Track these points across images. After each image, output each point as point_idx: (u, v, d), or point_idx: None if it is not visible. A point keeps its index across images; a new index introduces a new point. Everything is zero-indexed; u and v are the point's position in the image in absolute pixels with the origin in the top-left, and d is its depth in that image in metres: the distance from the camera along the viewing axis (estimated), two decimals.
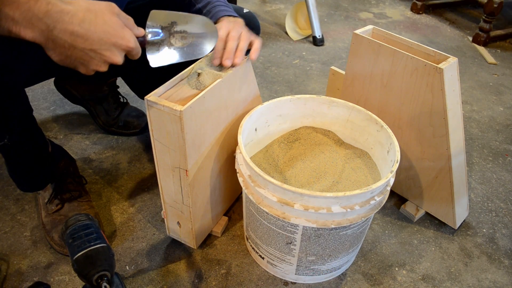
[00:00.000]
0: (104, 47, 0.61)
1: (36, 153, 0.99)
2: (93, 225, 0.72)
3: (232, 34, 0.86)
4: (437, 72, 0.91)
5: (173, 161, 0.85)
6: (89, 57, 0.61)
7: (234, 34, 0.87)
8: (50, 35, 0.58)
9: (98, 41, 0.60)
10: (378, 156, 0.97)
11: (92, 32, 0.60)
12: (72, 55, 0.61)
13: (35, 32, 0.57)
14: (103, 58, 0.62)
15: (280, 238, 0.87)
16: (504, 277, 1.01)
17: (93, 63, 0.63)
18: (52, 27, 0.57)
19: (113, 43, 0.62)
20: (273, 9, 2.42)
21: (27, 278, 0.96)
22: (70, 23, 0.58)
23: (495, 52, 2.09)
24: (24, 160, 0.97)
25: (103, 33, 0.61)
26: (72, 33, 0.59)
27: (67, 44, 0.59)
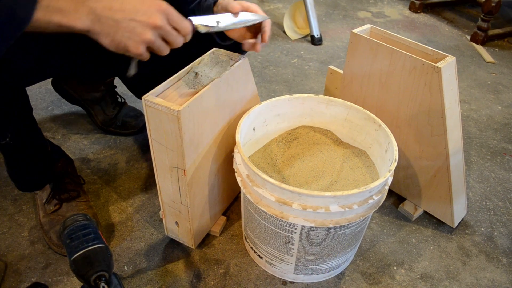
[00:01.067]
0: (140, 13, 0.65)
1: (35, 152, 0.99)
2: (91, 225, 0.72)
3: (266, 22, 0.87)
4: (435, 71, 0.91)
5: (171, 160, 0.85)
6: (131, 27, 0.64)
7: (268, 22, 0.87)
8: (95, 16, 0.62)
9: (133, 9, 0.64)
10: (376, 155, 0.97)
11: (127, 3, 0.64)
12: (117, 32, 0.64)
13: (82, 18, 0.61)
14: (143, 23, 0.65)
15: (279, 238, 0.87)
16: (502, 276, 1.02)
17: (137, 31, 0.65)
18: (94, 8, 0.62)
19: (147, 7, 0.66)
20: (271, 9, 2.42)
21: (25, 278, 0.96)
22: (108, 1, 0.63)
23: (493, 51, 2.09)
24: (24, 160, 0.97)
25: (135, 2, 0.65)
26: (111, 8, 0.63)
27: (110, 20, 0.63)
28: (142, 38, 0.65)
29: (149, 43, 0.66)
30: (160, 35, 0.68)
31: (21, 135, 0.92)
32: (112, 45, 0.65)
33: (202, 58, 0.92)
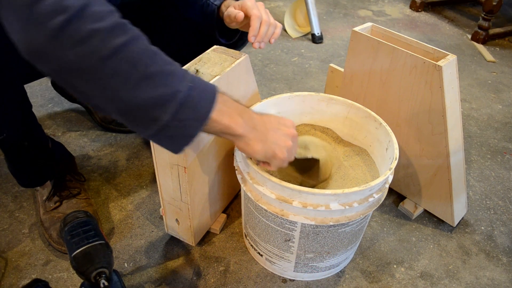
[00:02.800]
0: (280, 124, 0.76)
1: (36, 148, 0.99)
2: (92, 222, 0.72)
3: (265, 18, 0.89)
4: (436, 70, 0.91)
5: (172, 158, 0.85)
6: (279, 136, 0.74)
7: (267, 19, 0.90)
8: (252, 123, 0.71)
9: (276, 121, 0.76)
10: (376, 153, 0.97)
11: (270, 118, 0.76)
12: (268, 138, 0.73)
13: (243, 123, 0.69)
14: (286, 132, 0.75)
15: (279, 235, 0.87)
16: (502, 275, 1.02)
17: (282, 139, 0.74)
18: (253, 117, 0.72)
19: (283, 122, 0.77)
20: (272, 7, 2.41)
21: (25, 275, 0.96)
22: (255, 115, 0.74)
23: (494, 50, 2.09)
24: (24, 156, 0.97)
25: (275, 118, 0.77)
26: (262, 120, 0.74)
27: (262, 127, 0.73)
28: (286, 144, 0.74)
29: (290, 148, 0.75)
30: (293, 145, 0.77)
31: (20, 131, 0.92)
32: (262, 151, 0.72)
33: (203, 55, 0.91)
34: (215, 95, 0.64)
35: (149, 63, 0.57)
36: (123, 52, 0.55)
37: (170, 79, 0.59)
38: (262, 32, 0.88)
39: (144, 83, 0.57)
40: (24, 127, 0.93)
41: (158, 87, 0.57)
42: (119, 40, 0.54)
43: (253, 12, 0.87)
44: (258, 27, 0.88)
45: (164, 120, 0.59)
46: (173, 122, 0.60)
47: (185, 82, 0.60)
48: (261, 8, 0.90)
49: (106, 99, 0.58)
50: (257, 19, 0.87)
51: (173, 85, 0.59)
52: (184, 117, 0.60)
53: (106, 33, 0.53)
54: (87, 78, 0.55)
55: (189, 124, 0.62)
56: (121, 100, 0.57)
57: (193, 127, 0.62)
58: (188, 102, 0.60)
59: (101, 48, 0.53)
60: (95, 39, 0.53)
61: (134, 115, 0.59)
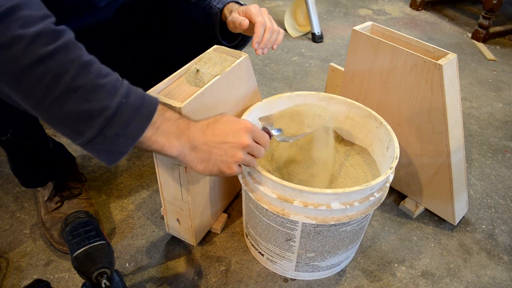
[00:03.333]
0: (229, 136, 0.69)
1: (38, 148, 0.99)
2: (93, 222, 0.72)
3: (269, 25, 0.90)
4: (437, 69, 0.91)
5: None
6: (223, 151, 0.69)
7: (271, 26, 0.90)
8: (191, 145, 0.68)
9: (223, 133, 0.69)
10: (377, 152, 0.97)
11: (216, 129, 0.69)
12: (211, 157, 0.69)
13: (181, 143, 0.67)
14: (234, 145, 0.69)
15: (280, 235, 0.87)
16: (503, 273, 1.02)
17: (229, 154, 0.69)
18: (192, 137, 0.68)
19: (235, 129, 0.70)
20: (272, 6, 2.41)
21: (27, 275, 0.96)
22: (201, 129, 0.69)
23: (495, 48, 2.09)
24: (27, 156, 0.97)
25: (224, 126, 0.70)
26: (204, 135, 0.68)
27: (203, 146, 0.68)
28: (235, 159, 0.69)
29: (240, 161, 0.70)
30: (248, 152, 0.71)
31: (23, 131, 0.92)
32: (206, 170, 0.70)
33: (203, 55, 0.92)
34: (152, 113, 0.61)
35: (76, 75, 0.54)
36: (46, 62, 0.52)
37: (97, 94, 0.55)
38: (266, 38, 0.89)
39: (68, 96, 0.54)
40: (27, 128, 0.93)
41: (83, 101, 0.54)
42: (44, 49, 0.52)
43: (258, 19, 0.88)
44: (262, 34, 0.89)
45: (89, 135, 0.57)
46: (100, 138, 0.57)
47: (117, 98, 0.57)
48: (265, 14, 0.91)
49: (30, 107, 0.55)
50: (261, 26, 0.88)
51: (101, 100, 0.56)
52: (112, 134, 0.57)
53: (30, 41, 0.51)
54: (9, 84, 0.53)
55: (118, 141, 0.59)
56: (45, 111, 0.55)
57: (122, 144, 0.60)
58: (118, 119, 0.57)
59: (22, 57, 0.51)
60: (18, 46, 0.50)
61: (60, 125, 0.57)
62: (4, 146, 0.93)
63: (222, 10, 0.97)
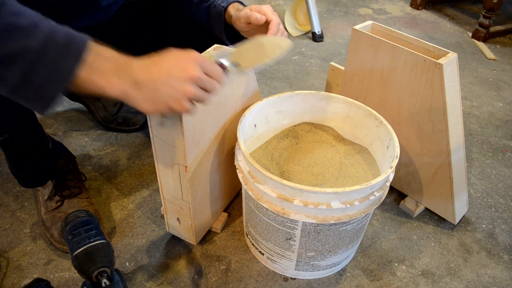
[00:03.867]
0: (175, 68, 0.63)
1: (37, 148, 0.99)
2: (93, 221, 0.72)
3: (282, 27, 0.90)
4: (437, 68, 0.91)
5: (173, 157, 0.85)
6: (170, 85, 0.63)
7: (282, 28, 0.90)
8: (134, 82, 0.61)
9: (168, 66, 0.63)
10: (377, 151, 0.97)
11: (161, 63, 0.64)
12: (158, 94, 0.63)
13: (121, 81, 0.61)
14: (181, 77, 0.63)
15: (280, 234, 0.87)
16: (504, 272, 1.02)
17: (177, 88, 0.63)
18: (134, 74, 0.61)
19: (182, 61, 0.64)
20: (272, 5, 2.40)
21: (27, 274, 0.96)
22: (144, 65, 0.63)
23: (495, 47, 2.09)
24: (25, 156, 0.97)
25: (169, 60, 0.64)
26: (148, 71, 0.62)
27: (148, 82, 0.62)
28: (184, 93, 0.64)
29: (190, 95, 0.65)
30: (198, 86, 0.66)
31: (21, 131, 0.92)
32: (154, 109, 0.64)
33: (203, 54, 0.91)
34: (82, 50, 0.56)
35: None
36: None
37: (15, 35, 0.51)
38: None
39: None
40: (25, 128, 0.93)
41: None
42: None
43: (274, 18, 0.88)
44: (276, 33, 0.89)
45: (13, 81, 0.53)
46: (25, 83, 0.53)
47: (38, 38, 0.53)
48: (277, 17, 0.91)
49: None
50: (277, 24, 0.88)
51: (18, 41, 0.51)
52: (38, 78, 0.54)
53: None
54: None
55: (46, 86, 0.55)
56: None
57: (52, 88, 0.55)
58: (42, 61, 0.53)
59: None
60: None
61: None
62: (2, 146, 0.93)
63: (226, 8, 0.97)
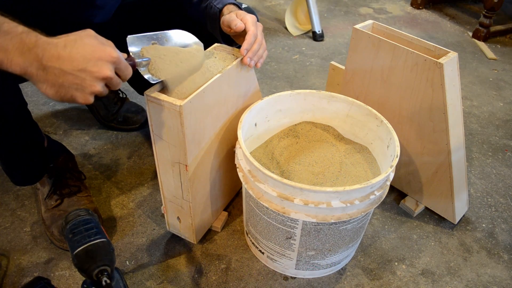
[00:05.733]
0: (90, 64, 0.62)
1: (29, 147, 0.97)
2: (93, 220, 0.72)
3: (259, 38, 0.90)
4: (437, 67, 0.91)
5: (173, 156, 0.85)
6: (80, 79, 0.62)
7: (260, 39, 0.90)
8: (41, 64, 0.60)
9: (83, 59, 0.62)
10: (378, 151, 0.97)
11: (75, 53, 0.61)
12: (65, 82, 0.61)
13: (25, 62, 0.59)
14: (93, 75, 0.62)
15: (280, 233, 0.87)
16: (504, 272, 1.02)
17: (86, 83, 0.62)
18: (41, 56, 0.60)
19: (98, 57, 0.63)
20: (272, 4, 2.41)
21: (27, 273, 0.96)
22: (55, 49, 0.60)
23: (495, 47, 2.08)
24: (16, 154, 0.96)
25: (85, 51, 0.62)
26: (59, 57, 0.60)
27: (57, 70, 0.60)
28: (92, 90, 0.63)
29: (96, 91, 0.64)
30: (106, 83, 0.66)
31: (12, 130, 0.90)
32: (57, 95, 0.63)
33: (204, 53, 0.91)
34: None
35: None
36: None
37: None
38: (255, 49, 0.89)
39: None
40: (17, 126, 0.92)
41: None
42: None
43: (252, 28, 0.88)
44: (252, 43, 0.88)
45: None
46: None
47: None
48: (259, 28, 0.91)
49: None
50: (253, 35, 0.88)
51: None
52: None
53: None
54: None
55: None
56: None
57: None
58: None
59: None
60: None
61: None
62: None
63: (221, 10, 0.97)
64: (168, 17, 1.14)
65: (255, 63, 0.91)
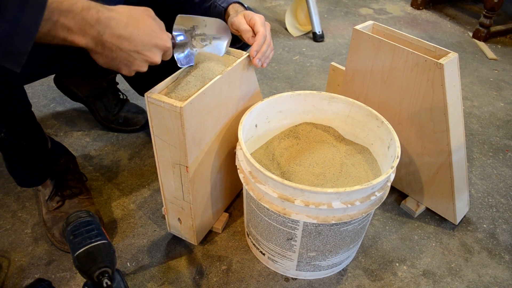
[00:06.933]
0: (146, 48, 0.67)
1: (34, 148, 0.98)
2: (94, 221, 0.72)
3: (269, 39, 0.91)
4: (438, 68, 0.91)
5: (174, 157, 0.85)
6: (132, 58, 0.66)
7: (269, 40, 0.91)
8: (100, 40, 0.62)
9: (141, 42, 0.66)
10: (378, 152, 0.97)
11: (136, 35, 0.65)
12: (117, 58, 0.65)
13: (87, 39, 0.62)
14: (145, 58, 0.67)
15: (281, 234, 0.87)
16: (505, 272, 1.02)
17: (136, 63, 0.67)
18: (102, 33, 0.62)
19: (154, 44, 0.68)
20: (273, 5, 2.41)
21: (29, 275, 0.97)
22: (117, 27, 0.63)
23: (496, 47, 2.08)
24: (22, 156, 0.97)
25: (145, 35, 0.66)
26: (119, 37, 0.63)
27: (114, 47, 0.64)
28: (138, 69, 0.69)
29: (138, 69, 0.69)
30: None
31: (18, 131, 0.91)
32: (105, 65, 0.67)
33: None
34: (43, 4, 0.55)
35: None
36: None
37: None
38: (264, 50, 0.90)
39: None
40: (23, 128, 0.92)
41: None
42: None
43: (261, 29, 0.88)
44: (262, 44, 0.89)
45: None
46: None
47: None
48: (268, 28, 0.91)
49: None
50: (263, 36, 0.89)
51: None
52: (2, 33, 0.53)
53: None
54: None
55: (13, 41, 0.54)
56: None
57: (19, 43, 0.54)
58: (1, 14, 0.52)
59: None
60: None
61: None
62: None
63: (226, 9, 0.97)
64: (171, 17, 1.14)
65: (262, 63, 0.92)
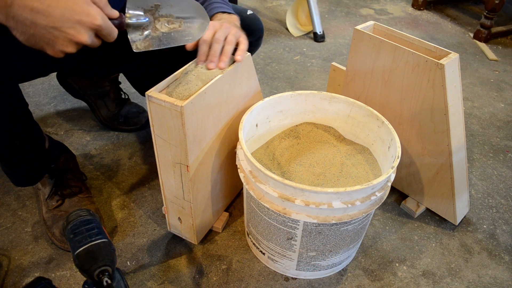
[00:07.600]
0: (67, 25, 0.57)
1: (29, 148, 0.96)
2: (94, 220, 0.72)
3: (218, 36, 0.82)
4: (438, 68, 0.91)
5: (174, 156, 0.85)
6: (53, 36, 0.58)
7: (220, 36, 0.83)
8: (9, 11, 0.56)
9: (60, 18, 0.57)
10: (379, 152, 0.97)
11: (53, 8, 0.56)
12: (36, 34, 0.57)
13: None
14: (68, 37, 0.58)
15: (281, 234, 0.88)
16: (505, 273, 1.02)
17: (58, 42, 0.59)
18: (10, 3, 0.55)
19: (77, 20, 0.58)
20: (273, 5, 2.41)
21: (29, 273, 0.97)
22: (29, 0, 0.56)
23: (496, 48, 2.08)
24: (16, 155, 0.96)
25: (65, 10, 0.57)
26: (32, 9, 0.56)
27: (28, 21, 0.56)
28: (63, 49, 0.60)
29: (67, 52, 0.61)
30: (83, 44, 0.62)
31: (12, 131, 0.90)
32: (26, 42, 0.60)
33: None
34: None
35: None
36: None
37: None
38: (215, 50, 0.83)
39: None
40: (17, 127, 0.91)
41: None
42: None
43: (202, 38, 0.82)
44: (206, 51, 0.83)
45: None
46: None
47: None
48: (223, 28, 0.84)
49: None
50: (203, 43, 0.82)
51: None
52: None
53: None
54: None
55: None
56: None
57: None
58: None
59: None
60: None
61: None
62: None
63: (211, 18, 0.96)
64: None
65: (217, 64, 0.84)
